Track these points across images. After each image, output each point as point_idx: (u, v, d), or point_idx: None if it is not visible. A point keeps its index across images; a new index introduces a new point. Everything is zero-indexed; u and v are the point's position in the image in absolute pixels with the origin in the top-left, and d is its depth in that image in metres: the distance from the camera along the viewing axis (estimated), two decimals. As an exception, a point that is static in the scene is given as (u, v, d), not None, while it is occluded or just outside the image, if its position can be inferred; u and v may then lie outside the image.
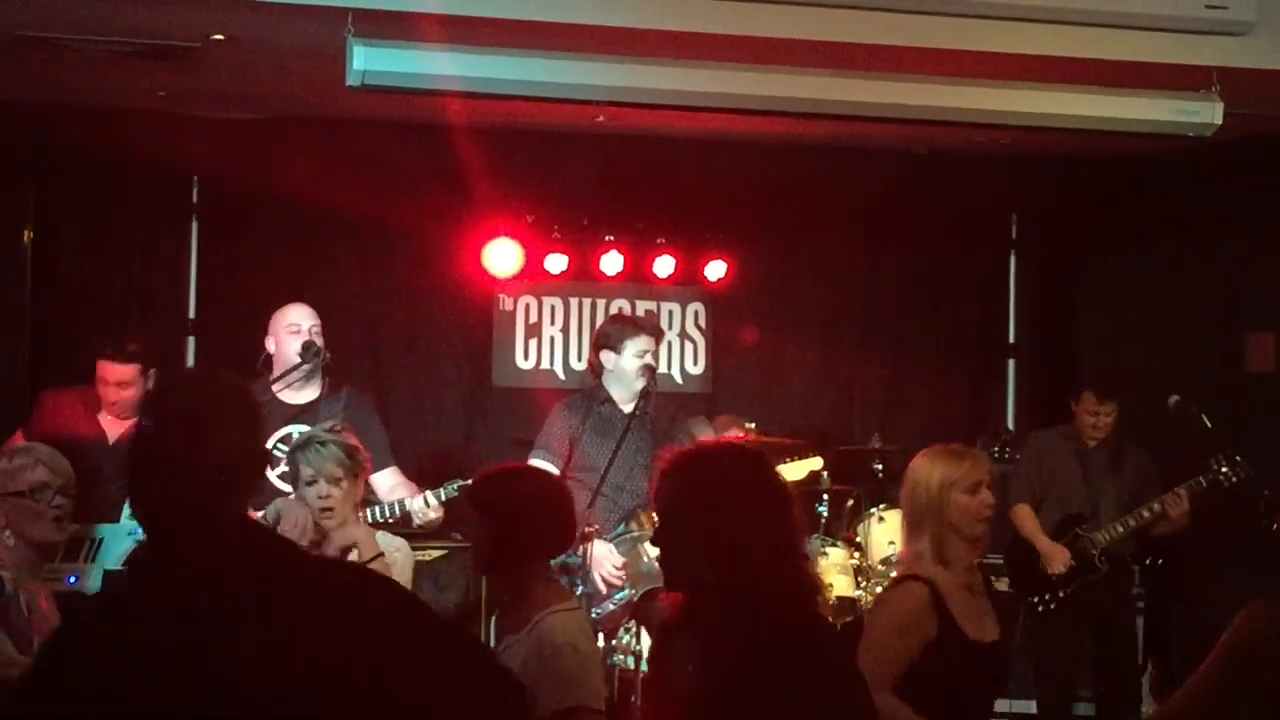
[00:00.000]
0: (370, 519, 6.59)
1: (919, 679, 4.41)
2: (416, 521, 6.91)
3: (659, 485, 3.57)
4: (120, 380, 7.49)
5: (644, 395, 7.16)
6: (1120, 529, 8.21)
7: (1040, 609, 8.31)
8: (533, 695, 4.09)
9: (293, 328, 7.18)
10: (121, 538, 6.96)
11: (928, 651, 4.46)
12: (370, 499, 6.80)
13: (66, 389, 7.67)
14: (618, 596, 7.06)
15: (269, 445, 6.92)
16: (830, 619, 3.74)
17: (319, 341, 7.14)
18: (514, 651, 4.23)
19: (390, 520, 6.78)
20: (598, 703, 4.27)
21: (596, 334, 7.71)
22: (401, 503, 6.87)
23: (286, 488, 6.29)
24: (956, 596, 4.57)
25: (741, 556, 3.41)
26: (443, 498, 6.81)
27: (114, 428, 7.46)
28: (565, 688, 4.16)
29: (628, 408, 7.21)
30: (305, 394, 7.13)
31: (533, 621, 4.27)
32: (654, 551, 7.02)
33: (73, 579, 6.72)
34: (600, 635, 6.76)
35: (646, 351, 7.18)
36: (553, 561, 4.90)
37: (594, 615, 6.82)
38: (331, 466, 5.44)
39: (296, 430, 6.88)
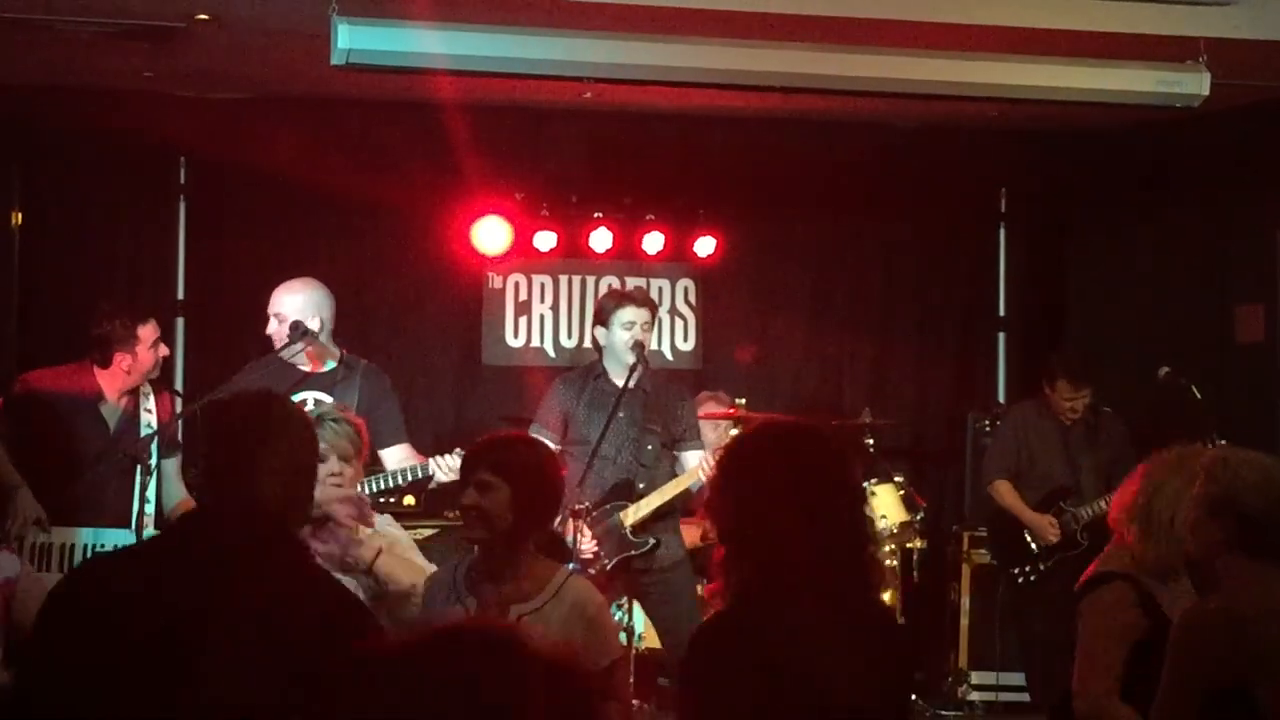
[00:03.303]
0: (376, 488, 6.62)
1: None
2: (441, 479, 6.88)
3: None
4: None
5: (632, 370, 7.14)
6: (1104, 505, 8.23)
7: (1020, 581, 8.36)
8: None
9: (278, 315, 7.14)
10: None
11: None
12: (376, 470, 6.82)
13: (54, 369, 7.07)
14: (592, 569, 7.09)
15: None
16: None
17: (309, 321, 7.12)
18: (539, 619, 4.22)
19: (396, 487, 6.81)
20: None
21: (594, 310, 7.74)
22: (414, 469, 6.87)
23: None
24: None
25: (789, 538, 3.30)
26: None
27: (114, 416, 7.03)
28: (610, 642, 4.32)
29: (621, 382, 7.21)
30: (324, 364, 7.09)
31: (553, 587, 4.30)
32: (629, 523, 7.11)
33: None
34: None
35: (633, 323, 7.15)
36: None
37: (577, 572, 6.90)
38: (344, 444, 5.45)
39: (312, 396, 6.89)
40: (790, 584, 3.29)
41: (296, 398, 6.87)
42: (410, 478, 6.89)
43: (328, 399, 6.93)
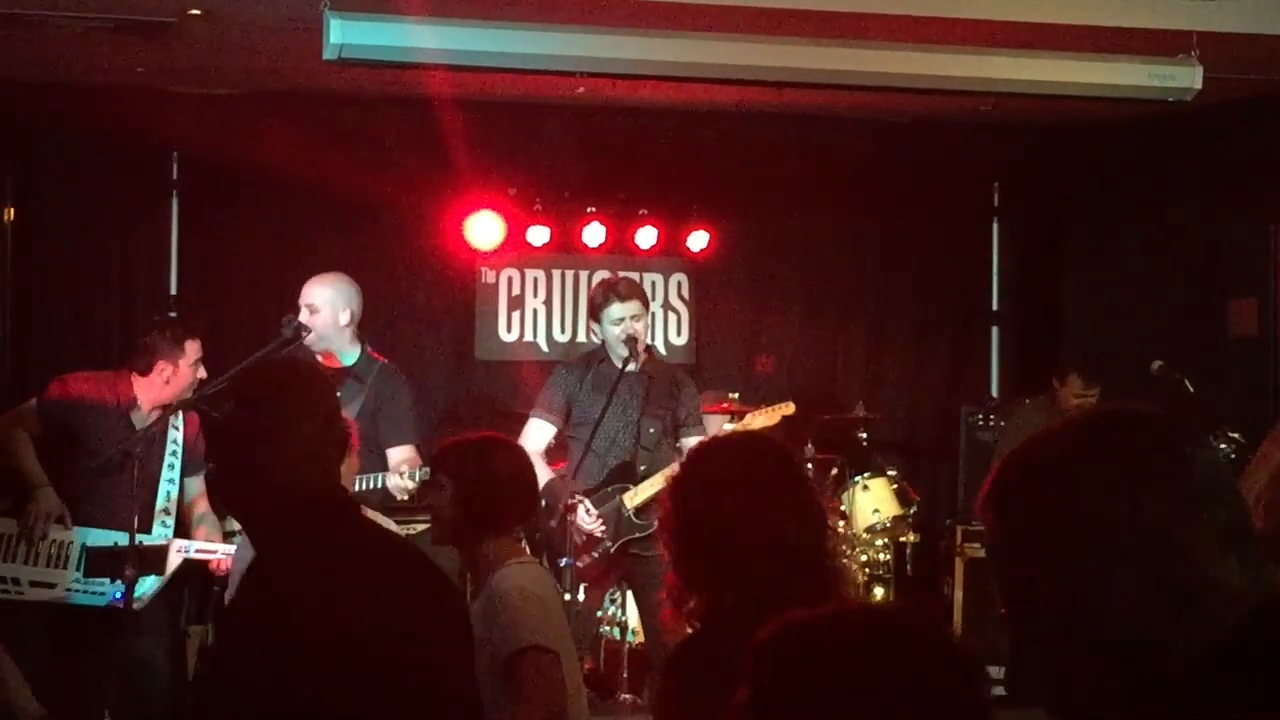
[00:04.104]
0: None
1: None
2: (397, 496, 6.95)
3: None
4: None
5: (626, 363, 7.14)
6: None
7: None
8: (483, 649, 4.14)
9: (310, 306, 7.15)
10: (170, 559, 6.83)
11: None
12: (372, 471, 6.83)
13: (93, 373, 7.11)
14: (595, 552, 7.08)
15: None
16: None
17: (340, 314, 7.14)
18: (474, 607, 4.25)
19: (369, 491, 6.81)
20: (551, 643, 4.26)
21: (588, 303, 7.71)
22: (373, 478, 6.90)
23: None
24: None
25: (740, 561, 3.22)
26: (416, 478, 6.82)
27: (143, 424, 6.93)
28: (513, 631, 4.19)
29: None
30: (345, 358, 7.12)
31: (493, 576, 4.32)
32: (630, 505, 7.09)
33: (118, 595, 6.54)
34: (582, 587, 6.80)
35: (623, 318, 7.13)
36: None
37: (577, 565, 6.86)
38: None
39: None
40: (760, 600, 3.16)
41: None
42: (371, 485, 6.91)
43: (339, 393, 6.95)
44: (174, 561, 6.83)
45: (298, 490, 3.07)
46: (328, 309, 7.09)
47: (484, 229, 9.36)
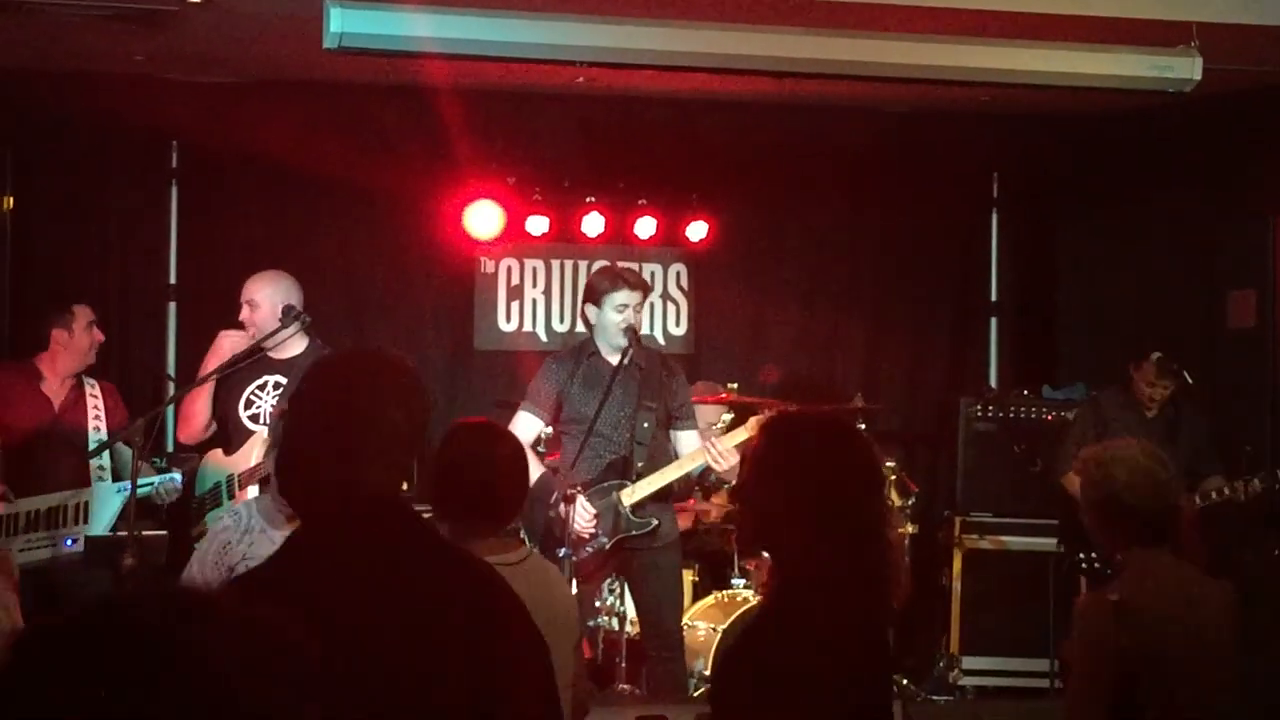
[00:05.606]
0: None
1: None
2: None
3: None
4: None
5: (625, 352, 7.12)
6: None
7: (1084, 566, 8.25)
8: None
9: (251, 303, 7.23)
10: (110, 497, 7.08)
11: None
12: None
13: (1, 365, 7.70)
14: (590, 547, 7.07)
15: (247, 390, 7.10)
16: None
17: (266, 311, 7.19)
18: None
19: None
20: None
21: (585, 286, 7.68)
22: None
23: (255, 427, 6.94)
24: None
25: (814, 531, 3.29)
26: None
27: (58, 396, 7.41)
28: None
29: (615, 359, 7.18)
30: (290, 350, 7.18)
31: None
32: (628, 502, 7.07)
33: (70, 541, 6.91)
34: (574, 582, 6.80)
35: (626, 306, 7.12)
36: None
37: (571, 559, 6.85)
38: None
39: (272, 379, 7.06)
40: (819, 592, 3.26)
41: (258, 381, 7.06)
42: None
43: (284, 381, 7.06)
44: (116, 503, 7.08)
45: (360, 488, 2.83)
46: (267, 304, 7.18)
47: (483, 218, 9.36)
